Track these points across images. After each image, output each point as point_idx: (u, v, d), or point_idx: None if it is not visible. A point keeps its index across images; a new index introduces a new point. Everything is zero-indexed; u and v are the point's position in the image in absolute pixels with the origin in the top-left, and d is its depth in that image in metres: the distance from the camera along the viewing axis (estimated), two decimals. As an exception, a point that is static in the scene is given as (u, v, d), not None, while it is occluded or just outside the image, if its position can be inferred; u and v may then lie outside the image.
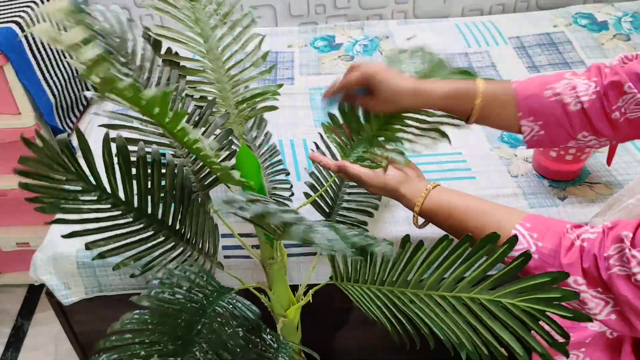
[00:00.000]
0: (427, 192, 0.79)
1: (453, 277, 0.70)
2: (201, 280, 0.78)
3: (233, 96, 0.97)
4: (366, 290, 0.80)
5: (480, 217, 0.73)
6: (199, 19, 0.97)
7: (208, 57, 0.96)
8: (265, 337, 0.78)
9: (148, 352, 0.65)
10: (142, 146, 0.78)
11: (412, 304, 0.74)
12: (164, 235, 0.83)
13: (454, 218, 0.76)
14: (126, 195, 0.78)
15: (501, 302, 0.66)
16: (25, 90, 1.29)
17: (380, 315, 0.77)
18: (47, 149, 0.68)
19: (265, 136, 1.08)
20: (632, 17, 1.64)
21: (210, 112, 0.91)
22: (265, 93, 0.98)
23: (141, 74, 0.90)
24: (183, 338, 0.68)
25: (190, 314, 0.72)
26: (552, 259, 0.66)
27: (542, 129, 0.80)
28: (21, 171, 0.68)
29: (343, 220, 0.99)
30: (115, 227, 0.78)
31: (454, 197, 0.78)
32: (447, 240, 0.71)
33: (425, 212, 0.79)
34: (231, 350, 0.68)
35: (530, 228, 0.68)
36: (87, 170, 0.72)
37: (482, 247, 0.68)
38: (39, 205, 0.70)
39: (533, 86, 0.80)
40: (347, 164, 0.85)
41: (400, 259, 0.76)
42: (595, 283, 0.63)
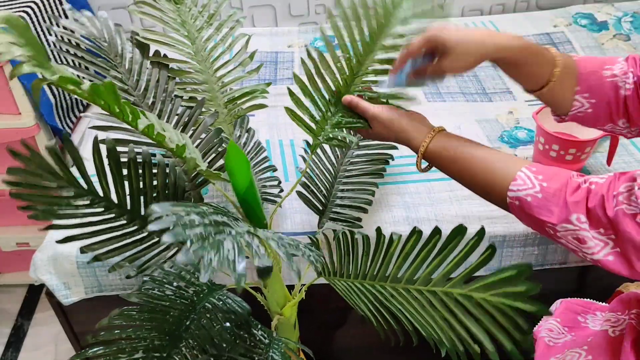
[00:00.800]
0: (433, 134, 0.77)
1: (427, 271, 0.71)
2: (194, 277, 0.78)
3: (222, 96, 0.98)
4: (351, 285, 0.80)
5: (487, 163, 0.72)
6: (185, 22, 0.98)
7: (196, 59, 0.97)
8: (255, 332, 0.78)
9: (133, 348, 0.65)
10: (132, 147, 0.78)
11: (392, 298, 0.74)
12: (158, 236, 0.83)
13: (459, 162, 0.75)
14: (118, 198, 0.78)
15: (473, 297, 0.66)
16: (25, 90, 1.29)
17: (366, 310, 0.77)
18: (35, 158, 0.68)
19: (249, 133, 1.08)
20: (632, 17, 1.64)
21: (200, 112, 0.91)
22: (254, 92, 0.98)
23: (130, 76, 0.91)
24: (171, 333, 0.68)
25: (180, 310, 0.72)
26: (556, 198, 0.65)
27: (592, 107, 0.79)
28: (11, 182, 0.68)
29: (337, 217, 0.99)
30: (109, 230, 0.78)
31: (460, 141, 0.76)
32: (417, 233, 0.72)
33: (431, 154, 0.77)
34: (218, 346, 0.68)
35: (536, 172, 0.68)
36: (78, 176, 0.73)
37: (452, 241, 0.68)
38: (33, 212, 0.70)
39: (593, 63, 0.79)
40: (358, 99, 0.84)
41: (378, 253, 0.76)
42: (599, 223, 0.63)
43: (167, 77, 0.93)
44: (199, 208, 0.63)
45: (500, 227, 1.08)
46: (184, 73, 0.96)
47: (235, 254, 0.55)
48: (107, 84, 0.56)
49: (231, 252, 0.55)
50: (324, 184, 1.01)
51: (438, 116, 1.30)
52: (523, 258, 1.11)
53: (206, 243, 0.55)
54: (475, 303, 0.66)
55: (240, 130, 1.07)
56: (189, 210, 0.60)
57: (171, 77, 0.94)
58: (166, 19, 0.96)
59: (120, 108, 0.61)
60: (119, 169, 0.76)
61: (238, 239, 0.58)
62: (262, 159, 1.06)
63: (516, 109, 1.36)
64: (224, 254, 0.55)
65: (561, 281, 1.18)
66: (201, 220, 0.59)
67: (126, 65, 0.92)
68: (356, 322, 1.21)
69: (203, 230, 0.57)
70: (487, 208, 1.09)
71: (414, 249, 0.73)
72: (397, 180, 1.17)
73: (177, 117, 0.90)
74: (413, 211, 1.10)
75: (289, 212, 1.09)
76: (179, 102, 0.92)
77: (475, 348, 0.66)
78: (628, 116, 0.78)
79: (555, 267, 1.12)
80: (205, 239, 0.55)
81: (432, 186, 1.15)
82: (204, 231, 0.57)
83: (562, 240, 0.67)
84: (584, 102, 0.80)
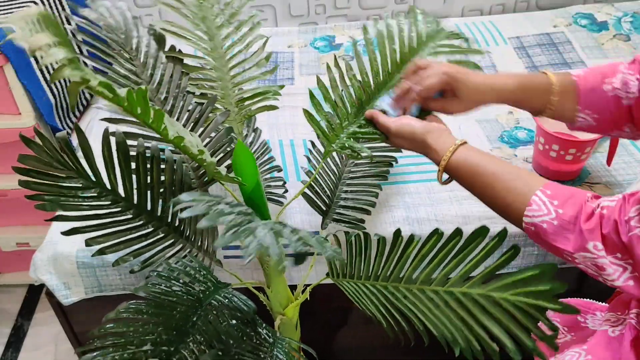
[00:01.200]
0: (455, 147, 0.77)
1: (445, 272, 0.71)
2: (199, 275, 0.79)
3: (234, 94, 0.98)
4: (361, 286, 0.80)
5: (506, 182, 0.73)
6: (206, 17, 0.97)
7: (212, 55, 0.97)
8: (260, 331, 0.78)
9: (141, 341, 0.65)
10: (142, 142, 0.78)
11: (405, 299, 0.74)
12: (163, 232, 0.83)
13: (478, 179, 0.75)
14: (126, 192, 0.78)
15: (492, 296, 0.66)
16: (25, 90, 1.29)
17: (375, 311, 0.77)
18: (46, 146, 0.68)
19: (255, 132, 1.08)
20: (632, 17, 1.64)
21: (211, 109, 0.91)
22: (267, 92, 0.99)
23: (144, 70, 0.91)
24: (178, 329, 0.68)
25: (187, 305, 0.72)
26: (572, 225, 0.66)
27: (596, 120, 0.82)
28: (21, 169, 0.68)
29: (340, 219, 0.99)
30: (115, 224, 0.79)
31: (480, 157, 0.77)
32: (437, 235, 0.72)
33: (451, 167, 0.77)
34: (225, 342, 0.68)
35: (550, 195, 0.68)
36: (86, 167, 0.72)
37: (473, 242, 0.68)
38: (40, 202, 0.70)
39: (593, 79, 0.81)
40: (379, 113, 0.85)
41: (393, 254, 0.76)
42: (615, 248, 0.63)
43: (181, 72, 0.93)
44: (225, 199, 0.64)
45: (500, 227, 1.06)
46: (199, 69, 0.96)
47: (271, 240, 0.57)
48: (140, 92, 0.57)
49: (267, 237, 0.57)
50: (328, 185, 1.01)
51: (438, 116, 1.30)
52: (523, 258, 1.11)
53: (240, 229, 0.57)
54: (494, 302, 0.66)
55: (247, 129, 1.07)
56: (217, 200, 0.62)
57: (185, 72, 0.94)
58: (187, 12, 0.96)
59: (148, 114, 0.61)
60: (127, 163, 0.76)
61: (269, 227, 0.60)
62: (268, 159, 1.06)
63: (516, 109, 1.36)
64: (260, 238, 0.57)
65: (561, 281, 1.18)
66: (230, 210, 0.61)
67: (141, 59, 0.91)
68: (358, 322, 1.21)
69: (236, 217, 0.60)
70: (487, 208, 1.09)
71: (432, 250, 0.72)
72: (397, 180, 1.17)
73: (188, 114, 0.90)
74: (413, 211, 1.10)
75: (291, 212, 1.09)
76: (190, 98, 0.92)
77: (493, 347, 0.66)
78: (633, 121, 0.79)
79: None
80: (240, 225, 0.58)
81: (432, 186, 1.15)
82: (236, 218, 0.59)
83: (581, 266, 0.67)
84: (587, 117, 0.82)
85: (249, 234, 0.57)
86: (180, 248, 0.86)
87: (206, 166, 0.71)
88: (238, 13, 0.99)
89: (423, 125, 0.81)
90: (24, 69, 1.28)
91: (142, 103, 0.58)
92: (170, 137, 0.66)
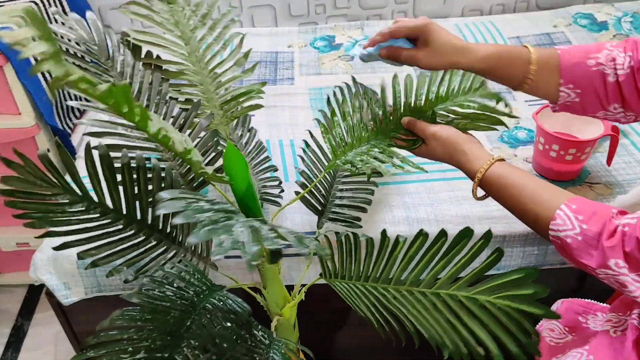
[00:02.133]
0: (491, 162, 0.77)
1: (432, 273, 0.71)
2: (193, 278, 0.78)
3: (217, 97, 0.97)
4: (353, 287, 0.80)
5: (535, 196, 0.73)
6: (178, 22, 0.96)
7: (190, 60, 0.96)
8: (256, 333, 0.78)
9: (136, 348, 0.65)
10: (126, 152, 0.78)
11: (395, 300, 0.74)
12: (155, 240, 0.83)
13: (508, 191, 0.75)
14: (114, 203, 0.78)
15: (477, 299, 0.66)
16: (25, 90, 1.29)
17: (367, 312, 0.77)
18: (29, 166, 0.68)
19: (250, 132, 1.08)
20: (632, 17, 1.64)
21: (196, 114, 0.91)
22: (250, 92, 0.98)
23: (122, 79, 0.90)
24: (172, 334, 0.68)
25: (180, 310, 0.72)
26: (595, 241, 0.66)
27: (579, 96, 0.81)
28: (5, 190, 0.68)
29: (336, 217, 0.99)
30: (106, 235, 0.78)
31: (512, 170, 0.77)
32: (422, 236, 0.72)
33: (486, 181, 0.78)
34: (219, 345, 0.68)
35: (575, 210, 0.69)
36: (72, 183, 0.72)
37: (458, 243, 0.68)
38: (28, 221, 0.70)
39: (577, 54, 0.80)
40: (416, 120, 0.86)
41: (382, 255, 0.76)
42: (637, 266, 0.63)
43: (161, 78, 0.92)
44: (206, 197, 0.64)
45: (500, 227, 1.08)
46: (179, 74, 0.95)
47: (247, 237, 0.56)
48: (122, 86, 0.56)
49: (243, 233, 0.56)
50: (323, 184, 1.01)
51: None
52: (523, 258, 1.11)
53: (217, 225, 0.56)
54: (480, 306, 0.66)
55: (242, 129, 1.07)
56: (198, 198, 0.62)
57: (165, 78, 0.93)
58: (158, 19, 0.95)
59: (132, 110, 0.61)
60: (112, 175, 0.76)
61: (248, 224, 0.59)
62: (263, 159, 1.06)
63: (516, 109, 1.36)
64: (236, 235, 0.56)
65: (561, 281, 1.18)
66: (210, 207, 0.61)
67: (118, 68, 0.90)
68: (356, 322, 1.21)
69: (213, 214, 0.59)
70: (486, 208, 1.09)
71: (418, 252, 0.72)
72: (397, 180, 1.17)
73: (173, 120, 0.90)
74: (413, 211, 1.10)
75: (288, 212, 1.09)
76: (174, 104, 0.91)
77: (479, 350, 0.66)
78: (623, 100, 0.78)
79: (556, 267, 1.12)
80: (216, 222, 0.57)
81: (432, 186, 1.15)
82: (214, 215, 0.59)
83: (605, 282, 0.68)
84: (570, 92, 0.81)
85: (225, 231, 0.56)
86: (174, 254, 0.85)
87: (192, 165, 0.71)
88: (210, 13, 0.98)
89: (460, 133, 0.82)
90: (24, 69, 1.28)
91: (126, 99, 0.58)
92: (158, 135, 0.65)
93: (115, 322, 0.67)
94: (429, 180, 1.16)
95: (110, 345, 0.65)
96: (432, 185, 1.16)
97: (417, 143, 0.87)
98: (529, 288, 0.63)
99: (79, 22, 0.91)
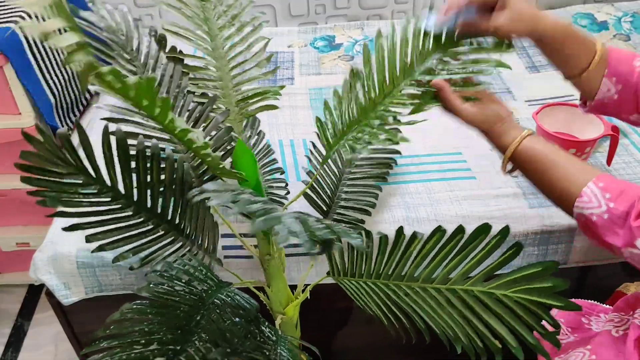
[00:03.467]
0: (523, 136, 0.77)
1: (447, 270, 0.71)
2: (200, 273, 0.79)
3: (235, 94, 0.98)
4: (362, 285, 0.80)
5: (560, 170, 0.73)
6: (208, 19, 0.98)
7: (213, 55, 0.98)
8: (264, 329, 0.78)
9: (147, 340, 0.65)
10: (142, 140, 0.78)
11: (407, 297, 0.74)
12: (163, 229, 0.84)
13: (537, 166, 0.75)
14: (126, 189, 0.78)
15: (494, 293, 0.66)
16: (25, 90, 1.29)
17: (377, 309, 0.77)
18: (47, 143, 0.69)
19: (259, 135, 1.09)
20: (632, 17, 1.64)
21: (211, 109, 0.92)
22: (267, 92, 0.99)
23: (145, 70, 0.91)
24: (182, 328, 0.69)
25: (190, 305, 0.72)
26: (622, 220, 0.66)
27: (618, 93, 0.81)
28: (22, 165, 0.68)
29: (341, 219, 0.99)
30: (114, 221, 0.79)
31: (543, 145, 0.77)
32: (439, 232, 0.72)
33: (516, 155, 0.77)
34: (229, 340, 0.69)
35: (603, 188, 0.68)
36: (87, 164, 0.73)
37: (475, 239, 0.68)
38: (41, 198, 0.70)
39: (624, 53, 0.81)
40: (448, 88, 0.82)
41: (395, 252, 0.76)
42: None
43: (182, 72, 0.94)
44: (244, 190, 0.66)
45: (500, 227, 1.07)
46: (200, 69, 0.97)
47: (299, 227, 0.57)
48: (148, 81, 0.57)
49: (294, 224, 0.58)
50: (329, 186, 1.02)
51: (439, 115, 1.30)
52: (523, 258, 1.11)
53: (269, 216, 0.59)
54: (496, 300, 0.66)
55: (251, 131, 1.08)
56: (241, 190, 0.64)
57: (185, 72, 0.95)
58: (190, 13, 0.97)
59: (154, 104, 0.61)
60: (127, 161, 0.76)
61: (293, 216, 0.61)
62: (271, 161, 1.07)
63: (516, 109, 1.36)
64: (289, 225, 0.57)
65: (563, 278, 1.18)
66: (255, 199, 0.62)
67: (141, 60, 0.93)
68: (359, 321, 1.21)
69: (263, 205, 0.61)
70: (486, 208, 1.09)
71: (434, 248, 0.73)
72: (397, 180, 1.17)
73: (188, 113, 0.91)
74: (413, 211, 1.10)
75: (291, 211, 1.10)
76: (190, 97, 0.92)
77: (496, 344, 0.66)
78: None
79: (555, 267, 1.12)
80: (268, 213, 0.59)
81: (432, 186, 1.15)
82: (263, 207, 0.61)
83: (629, 261, 0.67)
84: (611, 86, 0.81)
85: (278, 221, 0.58)
86: (180, 246, 0.86)
87: (210, 161, 0.72)
88: (240, 15, 1.00)
89: (495, 108, 0.81)
90: (24, 69, 1.29)
91: (150, 93, 0.58)
92: (176, 130, 0.66)
93: (125, 315, 0.67)
94: (429, 180, 1.17)
95: (121, 338, 0.65)
96: (432, 185, 1.16)
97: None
98: (548, 281, 0.63)
99: (111, 12, 0.94)
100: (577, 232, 1.08)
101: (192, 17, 0.97)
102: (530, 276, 0.64)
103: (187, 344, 0.67)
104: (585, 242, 1.09)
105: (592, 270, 1.16)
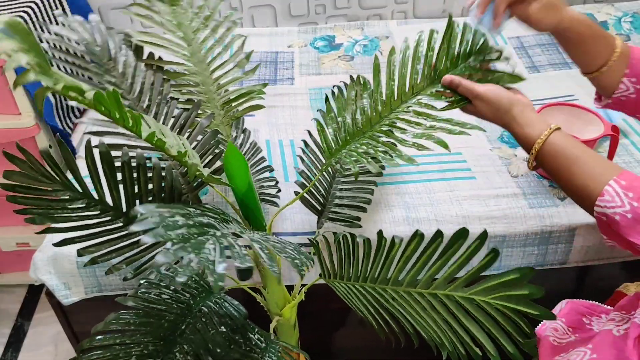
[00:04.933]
0: (549, 132, 0.75)
1: (429, 274, 0.71)
2: (190, 280, 0.78)
3: (219, 97, 0.98)
4: (352, 287, 0.80)
5: (583, 167, 0.72)
6: (181, 23, 0.97)
7: (192, 60, 0.97)
8: (252, 337, 0.77)
9: (127, 353, 0.65)
10: (126, 151, 0.78)
11: (394, 301, 0.74)
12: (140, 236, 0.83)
13: (560, 162, 0.74)
14: (114, 201, 0.78)
15: (474, 299, 0.66)
16: (25, 90, 1.29)
17: (366, 312, 0.77)
18: (30, 161, 0.68)
19: (245, 133, 1.08)
20: (632, 17, 1.64)
21: (196, 114, 0.91)
22: (251, 93, 0.98)
23: (124, 80, 0.90)
24: (166, 338, 0.68)
25: (176, 314, 0.72)
26: None
27: (637, 92, 0.81)
28: (7, 185, 0.68)
29: (335, 217, 0.98)
30: (105, 233, 0.78)
31: (567, 141, 0.75)
32: (418, 237, 0.72)
33: (543, 152, 0.76)
34: (212, 351, 0.68)
35: (625, 187, 0.67)
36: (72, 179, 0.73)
37: (454, 244, 0.68)
38: (29, 216, 0.70)
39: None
40: (461, 78, 0.83)
41: (379, 256, 0.76)
42: None
43: (163, 79, 0.93)
44: (185, 210, 0.62)
45: (500, 227, 1.08)
46: (180, 75, 0.96)
47: (216, 255, 0.54)
48: (111, 93, 0.56)
49: (212, 253, 0.54)
50: (323, 184, 1.01)
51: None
52: (523, 258, 1.11)
53: (187, 244, 0.54)
54: (477, 306, 0.66)
55: (236, 131, 1.07)
56: (174, 212, 0.60)
57: (166, 79, 0.93)
58: (159, 19, 0.96)
59: (123, 115, 0.60)
60: (112, 173, 0.76)
61: (221, 240, 0.58)
62: (259, 160, 1.06)
63: (516, 109, 1.36)
64: (205, 254, 0.54)
65: (561, 281, 1.18)
66: (185, 222, 0.59)
67: (120, 69, 0.91)
68: (356, 323, 1.21)
69: (186, 231, 0.57)
70: (486, 208, 1.09)
71: (415, 252, 0.72)
72: (397, 180, 1.17)
73: (173, 120, 0.90)
74: (413, 211, 1.10)
75: (288, 212, 1.09)
76: (174, 104, 0.91)
77: (476, 351, 0.66)
78: None
79: (555, 267, 1.12)
80: (187, 240, 0.55)
81: (432, 186, 1.15)
82: (186, 232, 0.56)
83: None
84: (630, 86, 0.81)
85: (195, 249, 0.54)
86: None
87: (188, 167, 0.71)
88: (213, 15, 0.99)
89: (510, 94, 0.80)
90: (24, 69, 1.28)
91: (115, 104, 0.57)
92: (152, 139, 0.65)
93: (109, 326, 0.67)
94: (429, 180, 1.16)
95: (102, 350, 0.65)
96: (432, 185, 1.16)
97: (461, 102, 0.85)
98: (524, 288, 0.63)
99: (82, 24, 0.92)
100: (577, 232, 1.08)
101: (164, 24, 0.96)
102: (508, 283, 0.64)
103: (167, 355, 0.66)
104: (585, 242, 1.09)
105: (592, 270, 1.16)
